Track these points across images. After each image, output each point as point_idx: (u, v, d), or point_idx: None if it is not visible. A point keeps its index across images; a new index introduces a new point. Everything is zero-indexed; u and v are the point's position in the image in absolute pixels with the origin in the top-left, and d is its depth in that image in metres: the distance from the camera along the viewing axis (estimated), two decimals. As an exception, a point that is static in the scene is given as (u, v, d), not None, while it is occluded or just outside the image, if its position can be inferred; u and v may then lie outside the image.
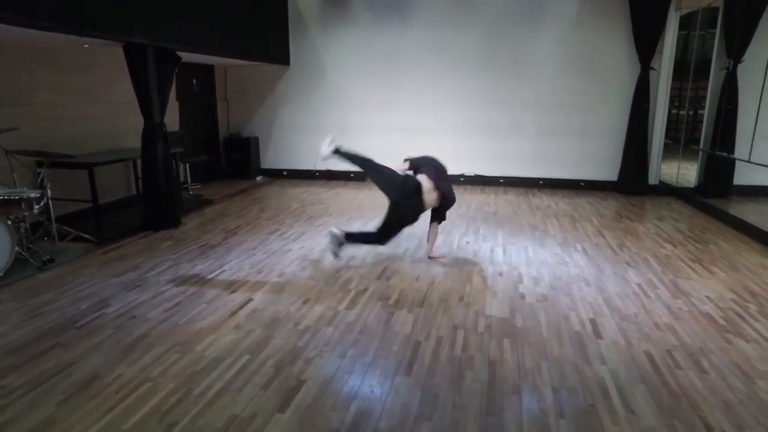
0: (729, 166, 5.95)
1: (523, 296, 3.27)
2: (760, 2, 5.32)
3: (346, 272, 3.72)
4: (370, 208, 5.83)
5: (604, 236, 4.63)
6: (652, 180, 6.53)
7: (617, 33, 6.35)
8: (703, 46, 6.17)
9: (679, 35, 6.18)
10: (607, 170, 6.79)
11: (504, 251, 4.21)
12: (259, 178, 7.88)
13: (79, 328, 2.81)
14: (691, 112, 6.30)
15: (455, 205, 4.10)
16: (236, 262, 3.94)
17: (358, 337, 2.71)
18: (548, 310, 3.07)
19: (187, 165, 6.49)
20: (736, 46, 5.61)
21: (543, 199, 6.27)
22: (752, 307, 3.11)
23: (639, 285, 3.47)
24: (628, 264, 3.88)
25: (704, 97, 6.08)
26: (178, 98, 6.69)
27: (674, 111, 6.44)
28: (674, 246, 4.33)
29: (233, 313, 3.00)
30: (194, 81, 7.18)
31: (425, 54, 7.01)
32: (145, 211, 4.89)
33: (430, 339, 2.70)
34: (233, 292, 3.34)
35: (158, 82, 4.69)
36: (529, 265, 3.88)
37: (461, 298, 3.24)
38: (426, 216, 3.92)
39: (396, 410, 2.09)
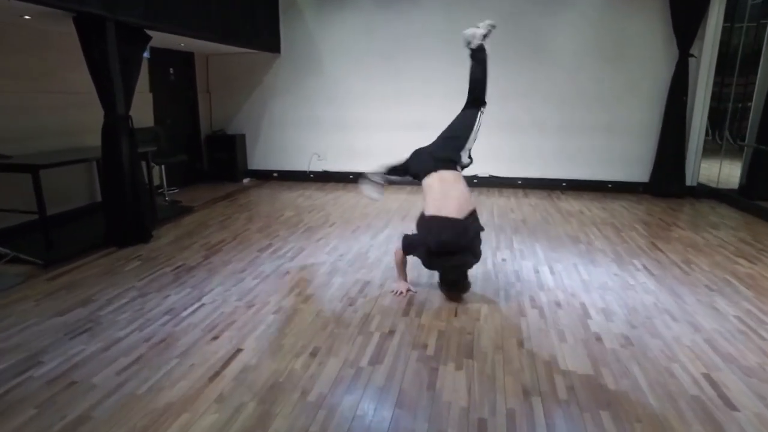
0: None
1: (599, 338, 2.50)
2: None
3: (362, 305, 2.91)
4: (377, 215, 5.02)
5: (661, 249, 3.89)
6: (690, 181, 5.82)
7: (652, 14, 5.62)
8: (750, 36, 5.47)
9: (724, 25, 5.47)
10: (638, 170, 6.07)
11: (551, 271, 3.43)
12: (246, 181, 7.01)
13: (-10, 405, 1.96)
14: (739, 105, 5.60)
15: (484, 211, 3.29)
16: (220, 292, 3.10)
17: (397, 415, 1.90)
18: (640, 360, 2.30)
19: (162, 166, 5.60)
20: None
21: (571, 204, 5.52)
22: None
23: (739, 319, 2.72)
24: (709, 288, 3.13)
25: (752, 92, 5.39)
26: (152, 89, 5.80)
27: (715, 104, 5.73)
28: (751, 262, 3.60)
29: (215, 375, 2.17)
30: (171, 70, 6.28)
31: (434, 40, 6.21)
32: (108, 223, 4.01)
33: (498, 415, 1.91)
34: (215, 338, 2.50)
35: (122, 65, 3.82)
36: (588, 290, 3.11)
37: (521, 344, 2.45)
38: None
39: None
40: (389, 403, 1.98)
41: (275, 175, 7.14)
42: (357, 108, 6.65)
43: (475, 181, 6.50)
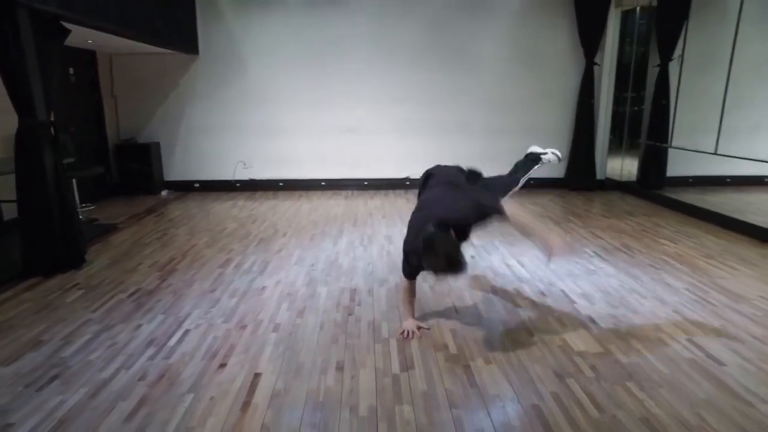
0: (663, 158, 6.17)
1: (592, 320, 2.71)
2: (685, 4, 5.52)
3: (361, 313, 2.84)
4: (325, 222, 4.91)
5: (600, 237, 4.33)
6: (599, 175, 6.54)
7: (562, 27, 6.22)
8: (642, 45, 6.31)
9: (622, 35, 6.24)
10: (555, 167, 6.65)
11: (521, 264, 3.65)
12: (164, 193, 6.42)
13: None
14: (635, 108, 6.42)
15: None
16: (199, 315, 2.81)
17: (456, 415, 1.90)
18: (635, 334, 2.54)
19: (74, 180, 4.91)
20: (667, 45, 5.79)
21: (505, 201, 5.88)
22: (809, 304, 2.92)
23: (689, 290, 3.13)
24: (654, 267, 3.56)
25: (644, 98, 6.23)
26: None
27: (615, 109, 6.51)
28: (674, 243, 4.16)
29: (246, 406, 1.97)
30: (71, 70, 5.54)
31: (364, 45, 6.25)
32: (27, 249, 3.42)
33: (546, 400, 1.99)
34: (223, 366, 2.27)
35: (39, 62, 3.30)
36: (561, 278, 3.36)
37: (530, 334, 2.57)
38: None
39: None
40: (443, 405, 1.96)
41: (197, 185, 6.63)
42: (285, 113, 6.44)
43: (408, 183, 6.65)
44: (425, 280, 3.31)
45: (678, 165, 6.20)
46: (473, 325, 2.67)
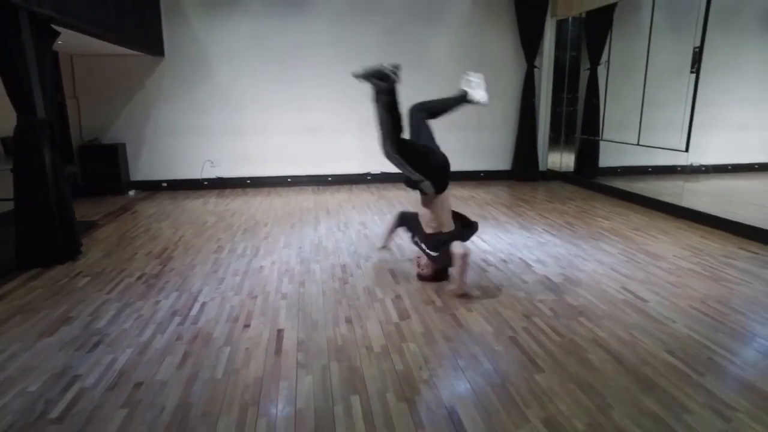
0: (596, 150, 7.02)
1: (548, 278, 3.30)
2: (608, 17, 6.38)
3: (356, 282, 3.27)
4: (300, 213, 5.28)
5: (547, 218, 4.99)
6: (542, 167, 7.30)
7: (506, 33, 6.92)
8: (575, 51, 7.13)
9: (558, 41, 7.02)
10: (502, 160, 7.38)
11: (483, 240, 4.21)
12: (132, 193, 6.51)
13: None
14: (571, 107, 7.22)
15: (395, 202, 3.79)
16: (211, 290, 3.14)
17: (452, 346, 2.38)
18: (582, 286, 3.15)
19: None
20: (595, 52, 6.64)
21: (461, 191, 6.49)
22: (710, 259, 3.67)
23: (621, 254, 3.80)
24: (593, 239, 4.23)
25: (578, 98, 7.06)
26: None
27: (553, 108, 7.29)
28: (608, 220, 4.89)
29: (278, 351, 2.37)
30: (37, 73, 5.55)
31: (326, 49, 6.65)
32: (25, 242, 3.58)
33: (519, 332, 2.52)
34: (247, 326, 2.64)
35: (37, 62, 3.49)
36: (518, 249, 3.94)
37: (499, 290, 3.11)
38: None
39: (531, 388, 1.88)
40: (440, 340, 2.44)
41: (164, 185, 6.77)
42: (250, 113, 6.72)
43: (369, 177, 7.12)
44: (403, 254, 3.80)
45: (609, 157, 7.07)
46: (453, 286, 3.17)
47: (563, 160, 7.39)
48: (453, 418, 1.85)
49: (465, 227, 3.27)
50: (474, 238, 4.27)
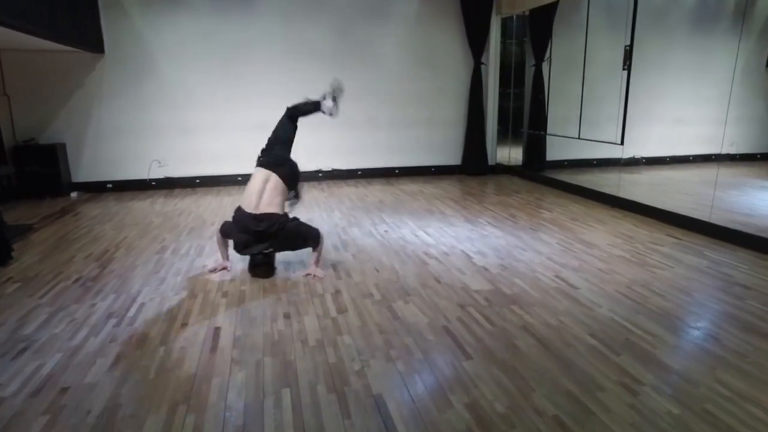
0: (543, 145, 7.28)
1: (486, 269, 3.42)
2: (550, 15, 6.62)
3: (297, 278, 3.29)
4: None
5: (491, 210, 5.15)
6: (491, 161, 7.49)
7: (452, 31, 7.05)
8: (520, 48, 7.35)
9: (503, 38, 7.21)
10: (453, 156, 7.53)
11: (427, 234, 4.30)
12: (74, 194, 6.28)
13: None
14: (518, 104, 7.44)
15: (344, 199, 3.83)
16: (151, 291, 3.10)
17: (385, 339, 2.45)
18: (517, 275, 3.28)
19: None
20: (539, 49, 6.88)
21: (409, 186, 6.59)
22: (639, 246, 3.89)
23: (558, 244, 3.98)
24: (533, 229, 4.40)
25: (523, 94, 7.29)
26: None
27: (501, 104, 7.49)
28: (549, 211, 5.09)
29: (214, 348, 2.37)
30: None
31: (274, 46, 6.60)
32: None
33: (452, 321, 2.62)
34: (185, 325, 2.63)
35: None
36: (461, 242, 4.06)
37: (438, 281, 3.21)
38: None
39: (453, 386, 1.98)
40: (375, 332, 2.51)
41: (110, 186, 6.55)
42: (198, 111, 6.59)
43: (320, 174, 7.13)
44: (347, 249, 3.85)
45: (555, 150, 7.34)
46: (392, 279, 3.24)
47: (512, 154, 7.61)
48: (380, 406, 1.92)
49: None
50: (418, 231, 4.38)
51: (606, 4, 6.35)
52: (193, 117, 6.56)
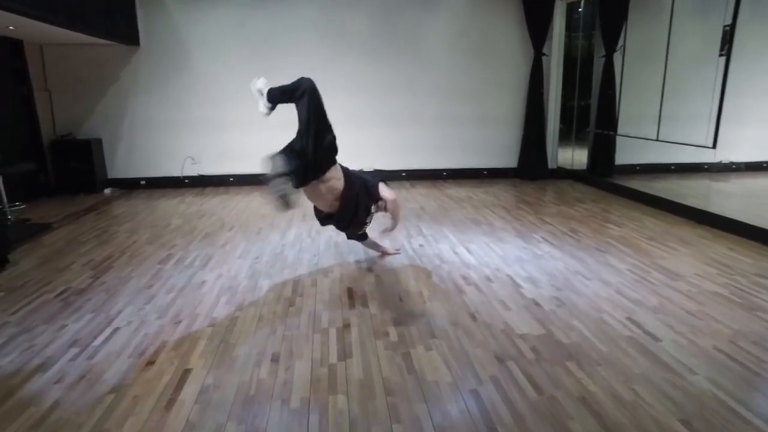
0: (611, 146, 6.35)
1: (536, 303, 2.72)
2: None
3: (303, 303, 2.75)
4: (276, 216, 4.78)
5: (549, 223, 4.38)
6: (551, 164, 6.65)
7: (510, 18, 6.27)
8: (587, 36, 6.46)
9: (568, 26, 6.35)
10: (508, 157, 6.75)
11: (469, 251, 3.63)
12: (108, 191, 6.12)
13: None
14: (581, 103, 6.55)
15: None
16: (132, 312, 2.66)
17: (391, 403, 1.84)
18: (576, 315, 2.56)
19: (0, 178, 4.60)
20: (610, 37, 5.95)
21: (457, 191, 5.90)
22: (741, 279, 3.02)
23: (631, 271, 3.19)
24: (599, 250, 3.62)
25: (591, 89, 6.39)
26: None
27: (568, 98, 6.62)
28: (619, 227, 4.25)
29: (171, 403, 1.86)
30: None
31: (312, 35, 6.12)
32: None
33: (484, 383, 1.96)
34: (151, 363, 2.14)
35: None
36: (508, 263, 3.36)
37: (473, 318, 2.55)
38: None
39: None
40: (379, 393, 1.90)
41: (143, 183, 6.35)
42: (232, 107, 6.23)
43: (363, 176, 6.57)
44: (371, 268, 3.27)
45: (626, 153, 6.39)
46: (416, 313, 2.62)
47: (575, 156, 6.72)
48: None
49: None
50: (458, 247, 3.72)
51: (697, -19, 5.35)
52: (227, 112, 6.21)
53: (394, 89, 6.42)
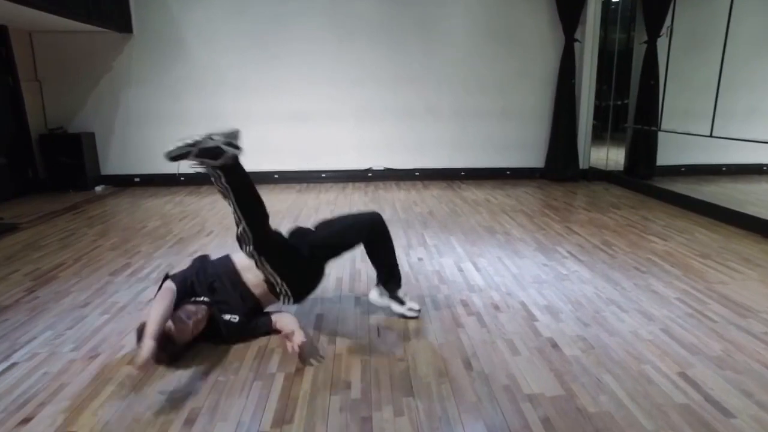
0: (653, 144, 5.57)
1: (554, 345, 2.08)
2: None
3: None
4: (273, 215, 4.24)
5: (577, 233, 3.69)
6: (582, 164, 5.91)
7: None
8: (627, 20, 5.69)
9: (605, 8, 5.61)
10: (533, 156, 6.04)
11: (476, 268, 3.00)
12: (99, 188, 5.74)
13: None
14: (619, 103, 5.79)
15: (386, 207, 2.75)
16: (46, 340, 2.16)
17: None
18: (608, 366, 1.91)
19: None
20: (654, 20, 5.18)
21: (475, 192, 5.25)
22: (832, 318, 2.30)
23: (681, 300, 2.50)
24: (639, 270, 2.93)
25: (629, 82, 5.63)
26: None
27: (603, 90, 5.86)
28: (663, 240, 3.53)
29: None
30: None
31: (316, 21, 5.57)
32: None
33: (468, 480, 1.35)
34: (27, 420, 1.62)
35: None
36: (523, 286, 2.72)
37: (467, 365, 1.93)
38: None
39: None
40: (311, 491, 1.32)
41: (137, 180, 5.96)
42: (231, 99, 5.76)
43: (370, 174, 6.02)
44: (352, 288, 2.68)
45: (669, 153, 5.62)
46: (394, 355, 2.02)
47: (610, 155, 5.96)
48: None
49: None
50: (465, 262, 3.09)
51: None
52: (224, 104, 5.75)
53: (408, 80, 5.80)
